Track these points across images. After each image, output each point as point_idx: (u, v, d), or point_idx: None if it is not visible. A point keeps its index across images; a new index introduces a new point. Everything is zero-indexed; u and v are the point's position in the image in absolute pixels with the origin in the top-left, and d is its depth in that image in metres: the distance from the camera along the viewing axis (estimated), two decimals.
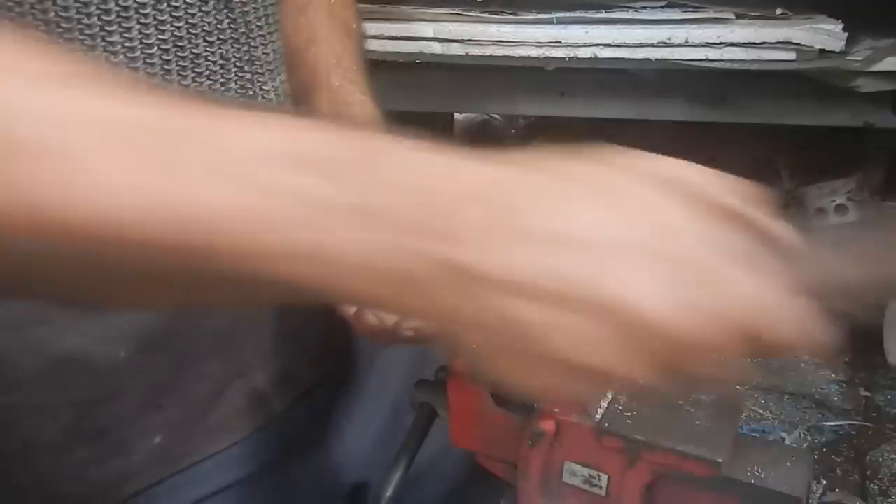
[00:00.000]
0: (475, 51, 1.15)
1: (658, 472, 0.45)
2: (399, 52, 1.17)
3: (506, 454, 0.51)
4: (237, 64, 0.55)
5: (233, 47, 0.55)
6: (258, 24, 0.57)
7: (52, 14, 0.46)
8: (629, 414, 0.47)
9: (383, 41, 1.17)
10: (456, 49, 1.16)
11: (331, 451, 0.67)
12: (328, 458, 0.67)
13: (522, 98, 1.24)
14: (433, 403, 0.55)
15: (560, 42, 1.12)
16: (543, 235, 0.30)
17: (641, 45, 1.10)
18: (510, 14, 1.18)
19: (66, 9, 0.46)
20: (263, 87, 0.58)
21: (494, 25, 1.15)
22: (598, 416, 0.47)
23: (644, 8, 1.16)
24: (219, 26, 0.53)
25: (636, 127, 1.25)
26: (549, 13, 1.15)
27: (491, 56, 1.15)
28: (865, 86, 1.07)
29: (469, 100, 1.28)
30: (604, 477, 0.47)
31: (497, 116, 1.56)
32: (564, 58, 1.13)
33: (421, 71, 1.20)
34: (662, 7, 1.16)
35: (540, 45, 1.13)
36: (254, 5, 0.56)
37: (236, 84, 0.56)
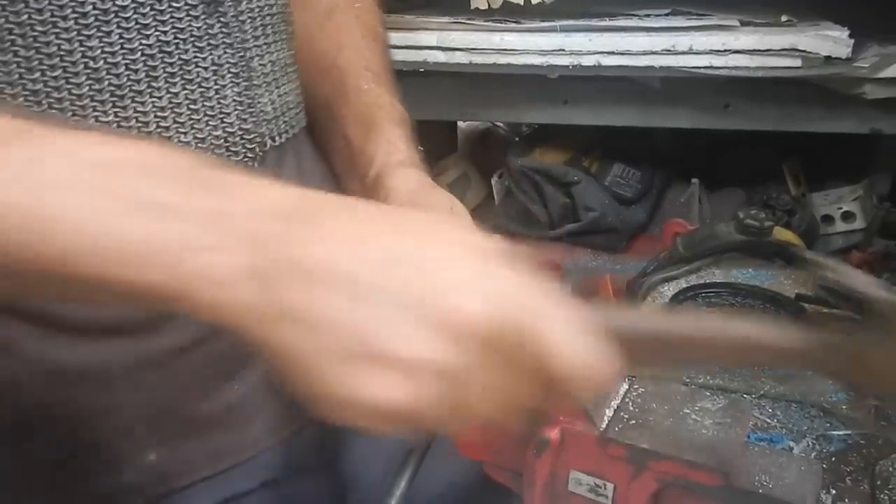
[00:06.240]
0: (478, 59, 1.15)
1: (664, 482, 0.45)
2: (402, 61, 1.17)
3: (511, 463, 0.51)
4: (232, 70, 0.53)
5: (226, 53, 0.53)
6: (254, 33, 0.55)
7: (26, 17, 0.44)
8: (635, 422, 0.46)
9: None
10: (459, 57, 1.16)
11: (338, 470, 0.66)
12: (335, 478, 0.66)
13: (526, 106, 1.24)
14: None
15: (563, 50, 1.12)
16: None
17: (645, 53, 1.10)
18: (514, 22, 1.18)
19: (40, 11, 0.44)
20: (260, 100, 0.56)
21: (498, 34, 1.15)
22: (604, 425, 0.47)
23: (648, 15, 1.16)
24: (209, 31, 0.51)
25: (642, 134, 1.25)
26: (553, 21, 1.15)
27: (494, 64, 1.15)
28: (872, 92, 1.07)
29: (472, 108, 1.28)
30: (609, 486, 0.46)
31: (501, 125, 1.56)
32: (568, 66, 1.13)
33: (424, 79, 1.20)
34: (666, 14, 1.16)
35: (543, 53, 1.13)
36: (249, 14, 0.54)
37: (233, 92, 0.54)
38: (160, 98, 0.50)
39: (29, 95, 0.45)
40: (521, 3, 1.17)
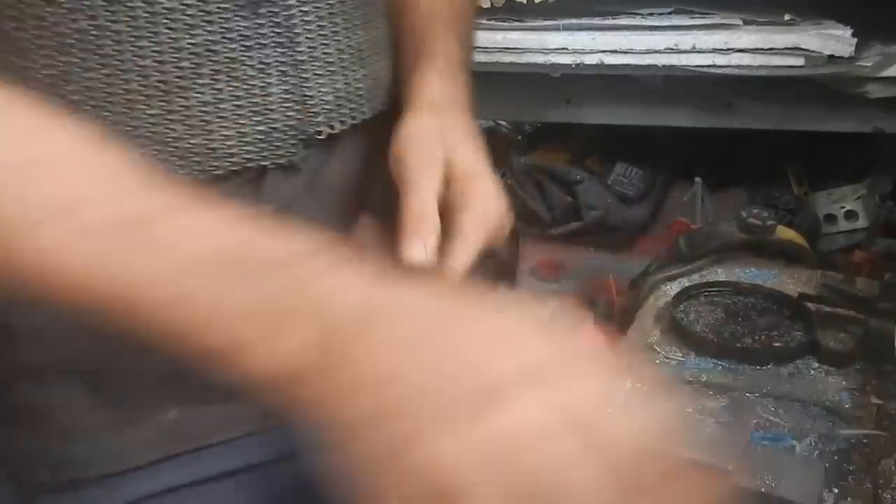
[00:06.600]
0: (481, 58, 1.15)
1: None
2: None
3: None
4: (280, 69, 0.54)
5: (274, 52, 0.53)
6: (319, 23, 0.55)
7: (84, 23, 0.48)
8: None
9: None
10: None
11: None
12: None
13: (528, 105, 1.24)
14: None
15: (566, 49, 1.12)
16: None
17: (648, 52, 1.10)
18: (516, 21, 1.18)
19: (94, 17, 0.48)
20: (321, 89, 0.56)
21: (501, 32, 1.15)
22: None
23: (651, 14, 1.16)
24: (259, 30, 0.52)
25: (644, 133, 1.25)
26: (556, 20, 1.15)
27: (497, 63, 1.15)
28: (875, 91, 1.07)
29: (475, 107, 1.27)
30: None
31: (503, 123, 1.56)
32: (571, 64, 1.13)
33: None
34: (669, 13, 1.16)
35: (546, 51, 1.13)
36: (301, 8, 0.54)
37: (279, 90, 0.54)
38: (203, 94, 0.51)
39: (84, 91, 0.49)
40: (524, 1, 1.17)
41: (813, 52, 1.05)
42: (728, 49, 1.08)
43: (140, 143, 0.51)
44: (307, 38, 0.55)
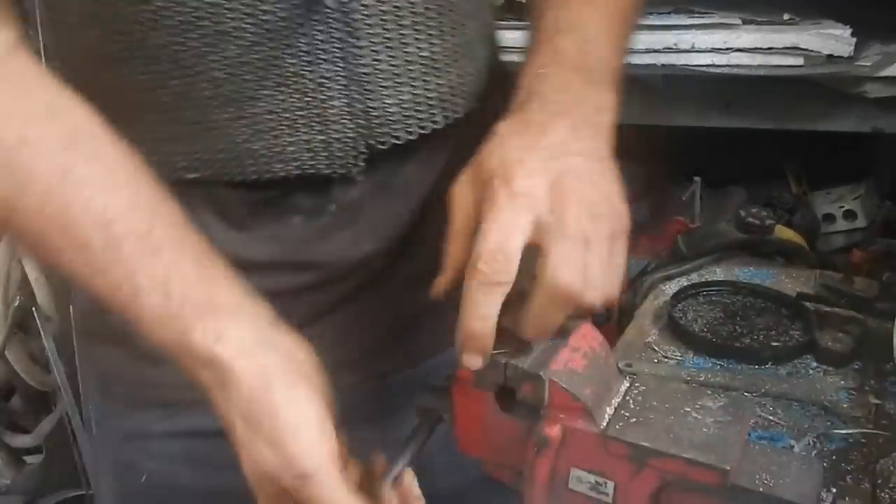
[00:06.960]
0: None
1: (665, 480, 0.45)
2: None
3: (512, 461, 0.51)
4: (340, 83, 0.55)
5: (335, 66, 0.55)
6: (373, 39, 0.55)
7: (165, 38, 0.53)
8: (636, 420, 0.47)
9: None
10: None
11: (370, 431, 0.66)
12: (369, 437, 0.66)
13: None
14: (439, 409, 0.55)
15: None
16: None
17: (647, 51, 1.10)
18: (515, 20, 1.17)
19: (172, 34, 0.53)
20: (386, 101, 0.57)
21: (500, 31, 1.15)
22: (605, 423, 0.47)
23: (651, 13, 1.15)
24: (318, 46, 0.54)
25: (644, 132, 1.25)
26: None
27: None
28: (874, 91, 1.07)
29: None
30: (610, 484, 0.46)
31: None
32: None
33: None
34: (669, 12, 1.16)
35: None
36: (366, 21, 0.55)
37: (340, 102, 0.56)
38: (268, 103, 0.55)
39: (172, 95, 0.55)
40: (524, 0, 1.17)
41: (812, 51, 1.05)
42: (727, 48, 1.08)
43: (215, 142, 0.56)
44: (372, 51, 0.56)
